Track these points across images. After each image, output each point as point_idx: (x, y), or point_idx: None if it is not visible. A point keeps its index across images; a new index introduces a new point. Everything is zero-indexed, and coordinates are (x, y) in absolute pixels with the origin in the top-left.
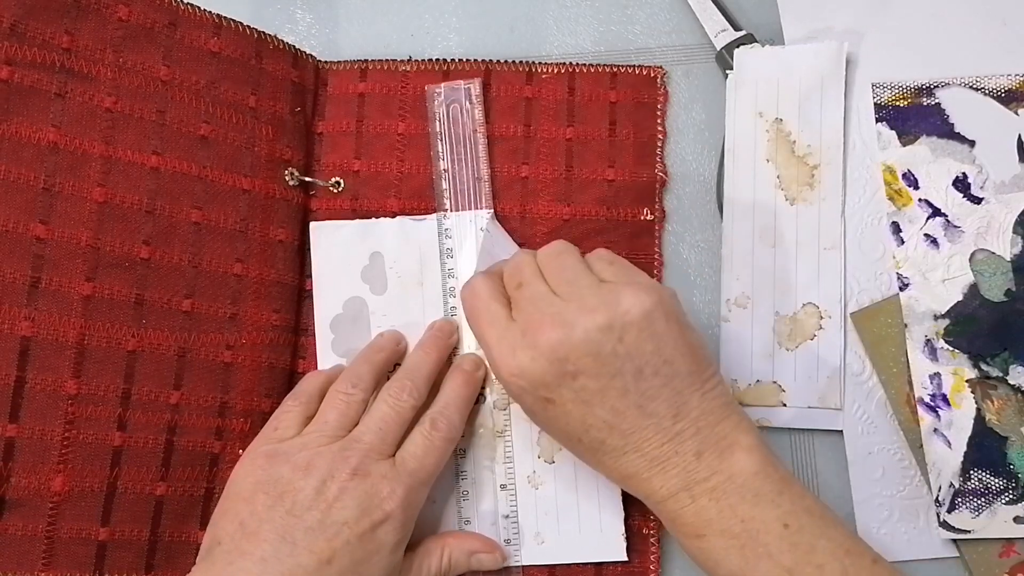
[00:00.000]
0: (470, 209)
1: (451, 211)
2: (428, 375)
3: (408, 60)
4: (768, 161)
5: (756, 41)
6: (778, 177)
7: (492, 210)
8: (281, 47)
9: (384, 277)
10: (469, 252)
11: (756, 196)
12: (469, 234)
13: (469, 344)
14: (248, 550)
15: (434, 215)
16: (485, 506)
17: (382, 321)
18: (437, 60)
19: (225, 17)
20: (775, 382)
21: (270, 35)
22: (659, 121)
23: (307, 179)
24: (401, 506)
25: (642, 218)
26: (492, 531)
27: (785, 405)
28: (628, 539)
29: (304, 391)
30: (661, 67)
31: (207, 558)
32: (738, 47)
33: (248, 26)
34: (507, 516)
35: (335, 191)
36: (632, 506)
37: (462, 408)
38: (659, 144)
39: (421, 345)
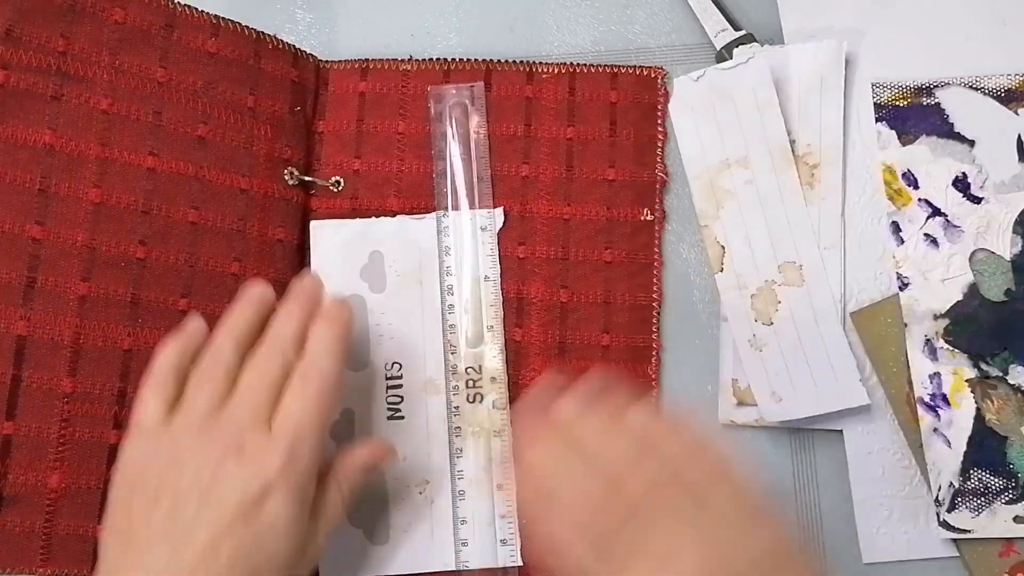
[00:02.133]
0: (471, 209)
1: (451, 210)
2: (294, 336)
3: (409, 60)
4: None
5: (756, 41)
6: None
7: (501, 207)
8: (281, 47)
9: (383, 276)
10: (468, 250)
11: None
12: (468, 232)
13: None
14: (129, 563)
15: (433, 213)
16: (482, 506)
17: (381, 319)
18: (438, 60)
19: (223, 18)
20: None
21: (269, 35)
22: (659, 121)
23: (307, 178)
24: (283, 474)
25: (642, 218)
26: (488, 531)
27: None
28: None
29: (159, 374)
30: (662, 68)
31: (98, 568)
32: (738, 47)
33: (246, 26)
34: (503, 516)
35: (335, 190)
36: None
37: (333, 353)
38: (659, 144)
39: (283, 307)
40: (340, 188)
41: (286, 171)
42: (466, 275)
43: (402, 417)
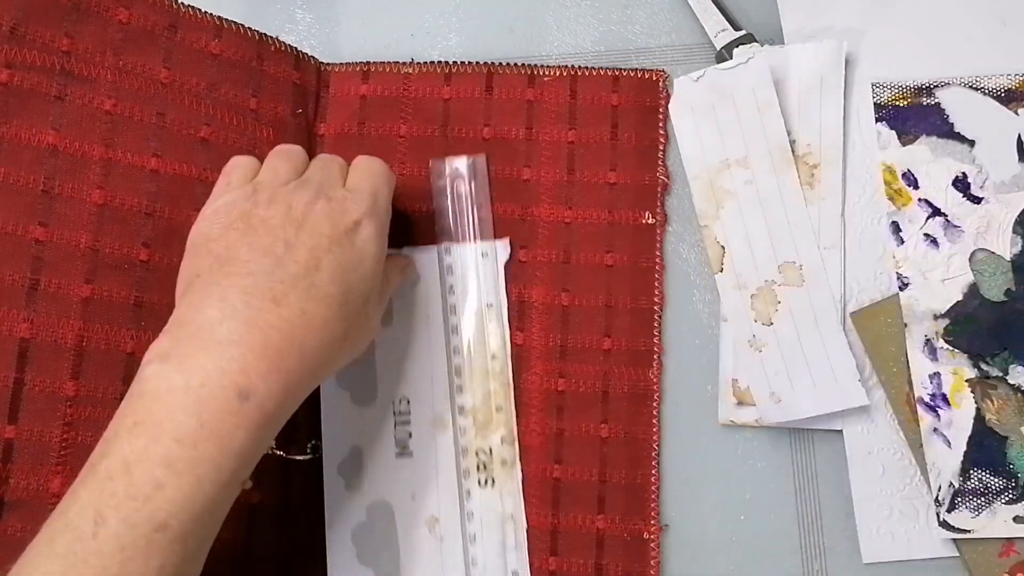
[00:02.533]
0: (474, 241)
1: (455, 242)
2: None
3: (410, 62)
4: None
5: (756, 41)
6: None
7: (507, 238)
8: (283, 49)
9: (390, 309)
10: (472, 283)
11: None
12: (471, 265)
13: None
14: (231, 271)
15: (431, 247)
16: (493, 540)
17: (388, 353)
18: (440, 63)
19: (226, 19)
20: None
21: (271, 37)
22: (660, 125)
23: None
24: (368, 215)
25: (643, 222)
26: (499, 564)
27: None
28: (628, 544)
29: (236, 160)
30: (663, 71)
31: (187, 293)
32: (738, 47)
33: (249, 28)
34: (514, 548)
35: None
36: (633, 511)
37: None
38: (661, 147)
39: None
40: None
41: None
42: (470, 309)
43: (411, 454)
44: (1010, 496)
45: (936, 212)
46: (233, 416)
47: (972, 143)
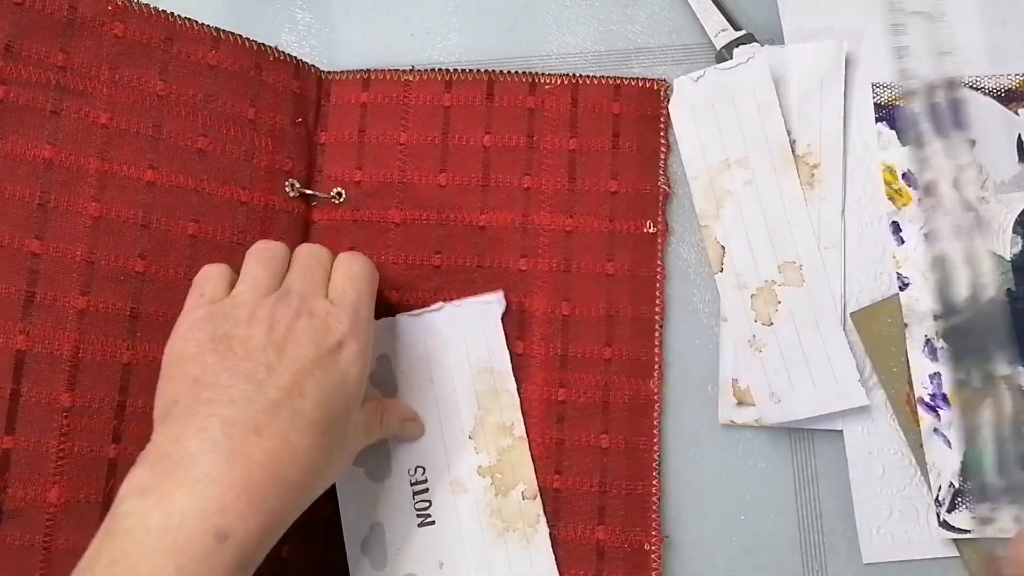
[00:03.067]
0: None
1: (447, 303)
2: (326, 255)
3: (411, 70)
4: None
5: (756, 41)
6: None
7: (501, 292)
8: (282, 59)
9: (394, 378)
10: (471, 343)
11: None
12: (468, 324)
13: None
14: (211, 398)
15: (425, 311)
16: None
17: None
18: (440, 70)
19: (223, 30)
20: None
21: (270, 47)
22: (662, 133)
23: (308, 191)
24: (352, 333)
25: (645, 230)
26: None
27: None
28: (629, 555)
29: (212, 268)
30: (664, 80)
31: (165, 420)
32: (738, 47)
33: (247, 39)
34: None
35: (336, 202)
36: (634, 521)
37: (364, 257)
38: (662, 156)
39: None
40: (341, 200)
41: (287, 183)
42: (473, 368)
43: (433, 522)
44: (1010, 496)
45: None
46: (211, 558)
47: (972, 143)
